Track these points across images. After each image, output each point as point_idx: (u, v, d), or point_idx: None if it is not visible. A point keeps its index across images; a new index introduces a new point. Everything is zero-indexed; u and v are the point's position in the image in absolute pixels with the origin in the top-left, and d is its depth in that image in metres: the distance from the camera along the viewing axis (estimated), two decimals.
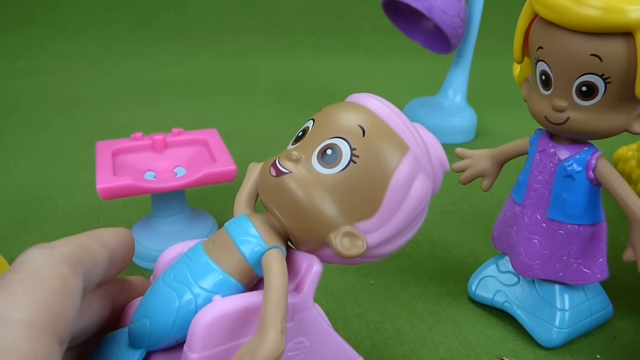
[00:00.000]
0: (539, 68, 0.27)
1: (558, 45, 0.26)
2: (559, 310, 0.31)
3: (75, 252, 0.19)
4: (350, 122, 0.22)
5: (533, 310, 0.32)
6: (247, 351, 0.18)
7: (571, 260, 0.30)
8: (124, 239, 0.22)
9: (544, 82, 0.27)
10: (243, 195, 0.24)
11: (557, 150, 0.29)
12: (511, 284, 0.33)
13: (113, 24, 0.88)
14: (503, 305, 0.34)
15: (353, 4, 0.95)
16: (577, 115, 0.27)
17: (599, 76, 0.25)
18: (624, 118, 0.27)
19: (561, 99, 0.27)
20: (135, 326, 0.21)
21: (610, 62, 0.25)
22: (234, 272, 0.21)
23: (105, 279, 0.22)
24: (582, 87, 0.26)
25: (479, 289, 0.35)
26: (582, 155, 0.29)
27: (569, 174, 0.29)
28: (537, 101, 0.28)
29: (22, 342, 0.16)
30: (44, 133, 0.60)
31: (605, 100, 0.26)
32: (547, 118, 0.28)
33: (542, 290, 0.32)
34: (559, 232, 0.30)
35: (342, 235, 0.21)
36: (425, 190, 0.22)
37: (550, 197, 0.29)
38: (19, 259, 0.18)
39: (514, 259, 0.32)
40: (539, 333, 0.32)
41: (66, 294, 0.18)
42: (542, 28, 0.27)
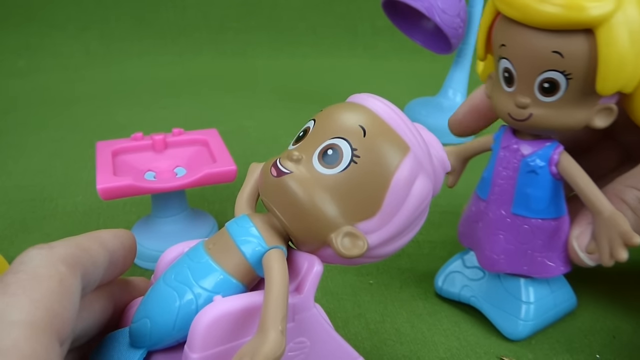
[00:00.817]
0: (501, 65, 0.28)
1: (520, 42, 0.26)
2: (524, 303, 0.32)
3: (74, 252, 0.19)
4: (351, 122, 0.22)
5: (499, 304, 0.33)
6: (248, 351, 0.18)
7: (536, 254, 0.31)
8: (124, 240, 0.22)
9: (507, 79, 0.27)
10: (244, 196, 0.24)
11: (521, 146, 0.29)
12: (477, 278, 0.34)
13: (113, 23, 0.88)
14: (470, 300, 0.34)
15: (353, 4, 0.95)
16: (540, 112, 0.27)
17: (560, 72, 0.25)
18: (586, 113, 0.27)
19: (524, 95, 0.27)
20: (136, 326, 0.21)
21: (571, 59, 0.25)
22: (234, 272, 0.21)
23: (106, 280, 0.22)
24: (544, 84, 0.26)
25: (445, 285, 0.35)
26: (545, 151, 0.29)
27: (532, 169, 0.29)
28: (501, 98, 0.28)
29: (23, 342, 0.16)
30: (44, 133, 0.60)
31: (567, 96, 0.26)
32: (511, 115, 0.28)
33: (508, 284, 0.32)
34: (523, 226, 0.30)
35: (342, 236, 0.21)
36: (426, 190, 0.22)
37: (514, 193, 0.30)
38: (17, 260, 0.18)
39: (479, 254, 0.33)
40: (505, 326, 0.32)
41: (65, 293, 0.18)
42: (505, 26, 0.27)
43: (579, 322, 0.34)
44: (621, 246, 0.26)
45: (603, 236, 0.27)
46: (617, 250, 0.26)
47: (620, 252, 0.26)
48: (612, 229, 0.27)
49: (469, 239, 0.33)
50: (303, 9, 0.94)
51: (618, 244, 0.26)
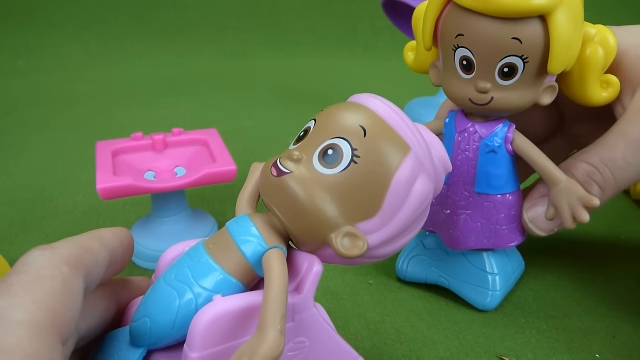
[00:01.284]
0: (458, 54, 0.28)
1: (481, 31, 0.27)
2: (491, 274, 0.34)
3: (77, 252, 0.19)
4: (351, 122, 0.22)
5: (467, 280, 0.34)
6: (247, 351, 0.18)
7: (499, 227, 0.32)
8: (123, 238, 0.23)
9: (466, 67, 0.29)
10: (245, 195, 0.24)
11: (478, 129, 0.31)
12: (441, 259, 0.35)
13: (113, 23, 0.88)
14: (438, 281, 0.36)
15: (353, 4, 0.95)
16: (500, 95, 0.29)
17: (519, 57, 0.27)
18: (535, 92, 0.29)
19: (485, 81, 0.28)
20: (136, 325, 0.21)
21: (529, 44, 0.27)
22: (234, 272, 0.21)
23: (106, 279, 0.22)
24: (504, 69, 0.28)
25: (410, 269, 0.36)
26: (501, 130, 0.31)
27: (492, 149, 0.31)
28: (458, 85, 0.29)
29: (25, 342, 0.16)
30: (44, 133, 0.60)
31: (523, 78, 0.28)
32: (472, 100, 0.29)
33: (472, 259, 0.34)
34: (486, 204, 0.32)
35: (342, 236, 0.21)
36: (427, 190, 0.22)
37: (476, 173, 0.31)
38: (20, 261, 0.19)
39: (444, 236, 0.34)
40: (477, 299, 0.34)
41: (68, 294, 0.18)
42: (460, 16, 0.28)
43: (579, 322, 0.34)
44: (582, 209, 0.29)
45: (563, 203, 0.29)
46: (580, 213, 0.29)
47: (584, 213, 0.29)
48: (571, 195, 0.29)
49: (429, 222, 0.34)
50: (303, 9, 0.94)
51: (579, 207, 0.29)
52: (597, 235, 0.43)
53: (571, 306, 0.35)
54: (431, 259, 0.36)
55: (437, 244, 0.36)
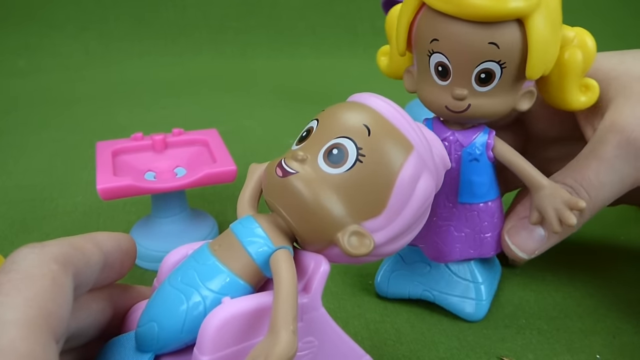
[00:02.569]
0: (433, 60, 0.27)
1: (456, 36, 0.26)
2: (477, 284, 0.33)
3: (66, 251, 0.19)
4: (355, 121, 0.22)
5: (452, 291, 0.33)
6: (260, 352, 0.18)
7: (483, 235, 0.32)
8: (122, 243, 0.22)
9: (441, 72, 0.28)
10: (246, 196, 0.24)
11: (459, 137, 0.30)
12: (424, 272, 0.34)
13: (113, 23, 0.88)
14: (422, 295, 0.34)
15: (353, 4, 0.95)
16: (477, 102, 0.28)
17: (496, 62, 0.26)
18: (513, 98, 0.28)
19: (461, 87, 0.27)
20: (143, 330, 0.21)
21: (505, 48, 0.26)
22: (242, 273, 0.21)
23: (103, 282, 0.22)
24: (481, 75, 0.27)
25: (391, 287, 0.35)
26: (481, 137, 0.30)
27: (475, 157, 0.30)
28: (434, 92, 0.28)
29: (19, 342, 0.16)
30: (44, 133, 0.60)
31: (500, 84, 0.27)
32: (448, 107, 0.28)
33: (456, 270, 0.33)
34: (471, 213, 0.31)
35: (349, 235, 0.21)
36: (430, 188, 0.22)
37: (459, 183, 0.30)
38: (9, 259, 0.18)
39: (428, 249, 0.33)
40: (464, 310, 0.33)
41: (58, 291, 0.18)
42: (435, 20, 0.26)
43: (579, 323, 0.34)
44: (568, 211, 0.28)
45: (548, 207, 0.29)
46: (566, 216, 0.28)
47: (570, 216, 0.28)
48: (556, 198, 0.28)
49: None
50: (303, 9, 0.94)
51: (565, 210, 0.28)
52: (597, 236, 0.43)
53: (571, 306, 0.35)
54: (413, 273, 0.34)
55: (418, 258, 0.34)
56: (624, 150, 0.29)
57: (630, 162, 0.29)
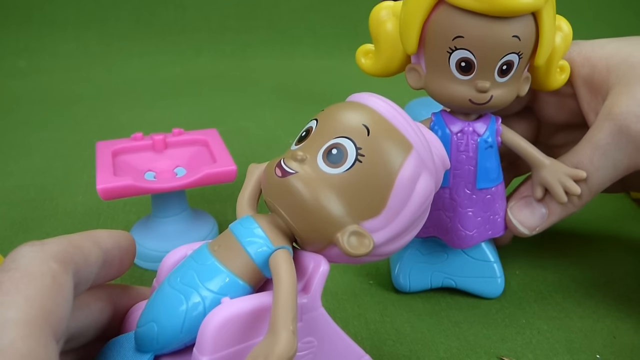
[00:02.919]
0: (456, 56, 0.28)
1: (483, 32, 0.27)
2: (493, 263, 0.35)
3: (65, 249, 0.19)
4: (354, 121, 0.22)
5: (473, 274, 0.35)
6: (260, 352, 0.18)
7: (495, 216, 0.34)
8: (121, 241, 0.22)
9: (464, 68, 0.29)
10: (245, 197, 0.24)
11: (474, 127, 0.31)
12: (442, 260, 0.35)
13: (113, 23, 0.88)
14: (444, 282, 0.36)
15: (353, 4, 0.95)
16: (498, 92, 0.29)
17: (516, 53, 0.28)
18: (519, 85, 0.31)
19: (484, 80, 0.29)
20: (142, 330, 0.21)
21: (525, 40, 0.28)
22: (241, 274, 0.21)
23: (102, 280, 0.22)
24: (503, 67, 0.28)
25: (412, 281, 0.36)
26: (492, 125, 0.32)
27: (490, 145, 0.32)
28: (455, 87, 0.29)
29: (19, 341, 0.16)
30: (44, 133, 0.60)
31: (515, 73, 0.29)
32: (472, 100, 0.29)
33: (472, 253, 0.35)
34: (487, 197, 0.33)
35: (349, 235, 0.21)
36: (430, 188, 0.22)
37: (476, 170, 0.32)
38: (9, 258, 0.18)
39: (450, 238, 0.34)
40: (487, 289, 0.35)
41: (58, 290, 0.18)
42: (457, 17, 0.27)
43: (579, 323, 0.34)
44: (572, 182, 0.31)
45: (553, 180, 0.32)
46: (571, 186, 0.31)
47: (574, 185, 0.31)
48: (559, 172, 0.31)
49: (430, 228, 0.34)
50: (303, 10, 0.94)
51: (568, 181, 0.31)
52: (597, 236, 0.43)
53: (572, 307, 0.35)
54: (432, 263, 0.35)
55: (432, 248, 0.35)
56: (617, 138, 0.30)
57: (622, 149, 0.30)
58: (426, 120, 0.33)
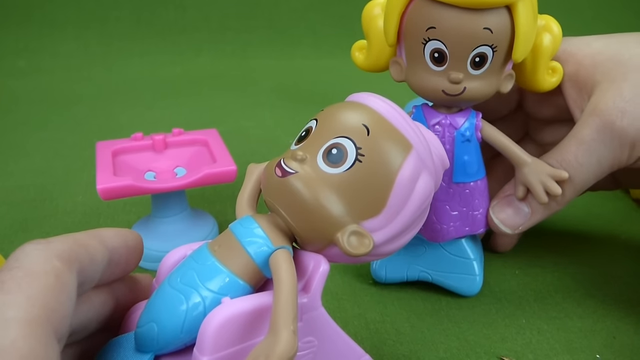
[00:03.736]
0: (429, 47, 0.29)
1: (454, 23, 0.28)
2: (471, 260, 0.35)
3: (70, 247, 0.19)
4: (354, 121, 0.22)
5: (449, 269, 0.35)
6: (261, 352, 0.18)
7: (474, 212, 0.33)
8: (128, 239, 0.22)
9: (437, 58, 0.29)
10: (244, 197, 0.24)
11: (451, 120, 0.32)
12: (419, 254, 0.35)
13: (113, 23, 0.88)
14: (420, 276, 0.36)
15: (353, 4, 0.94)
16: (471, 85, 0.29)
17: (489, 46, 0.28)
18: (499, 81, 0.30)
19: (457, 71, 0.29)
20: (142, 330, 0.21)
21: (498, 33, 0.28)
22: (241, 274, 0.21)
23: (108, 279, 0.22)
24: (475, 59, 0.29)
25: (388, 272, 0.36)
26: (471, 120, 0.32)
27: (467, 139, 0.32)
28: (429, 78, 0.30)
29: (21, 341, 0.16)
30: (44, 133, 0.60)
31: (491, 67, 0.29)
32: (445, 91, 0.30)
33: (450, 248, 0.35)
34: (464, 192, 0.33)
35: (349, 234, 0.21)
36: (429, 187, 0.23)
37: (453, 164, 0.32)
38: (12, 256, 0.18)
39: (425, 231, 0.34)
40: (463, 286, 0.35)
41: (61, 289, 0.18)
42: (430, 9, 0.28)
43: (579, 323, 0.34)
44: (553, 182, 0.31)
45: (534, 180, 0.31)
46: (552, 186, 0.31)
47: (555, 186, 0.31)
48: (540, 172, 0.31)
49: None
50: (303, 10, 0.94)
51: (550, 181, 0.31)
52: (597, 236, 0.43)
53: (571, 307, 0.35)
54: (409, 255, 0.36)
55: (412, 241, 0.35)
56: (602, 134, 0.30)
57: (607, 145, 0.30)
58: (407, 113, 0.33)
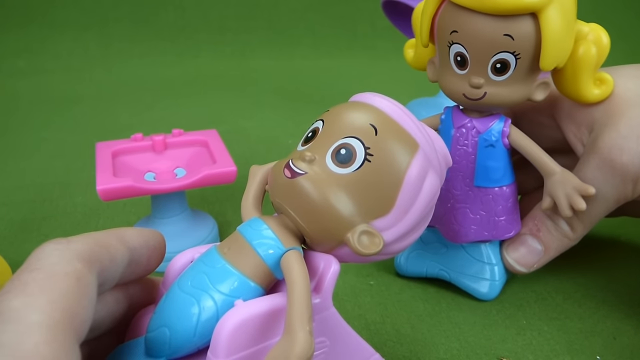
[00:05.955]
0: (453, 50, 0.29)
1: (474, 28, 0.28)
2: (491, 265, 0.35)
3: (91, 248, 0.19)
4: (361, 121, 0.22)
5: (467, 271, 0.35)
6: (279, 354, 0.18)
7: (497, 218, 0.33)
8: (149, 239, 0.22)
9: (460, 62, 0.30)
10: (249, 199, 0.24)
11: (476, 124, 0.32)
12: (441, 253, 0.36)
13: (113, 23, 0.88)
14: (438, 274, 0.36)
15: (353, 4, 0.95)
16: (493, 90, 0.29)
17: (511, 53, 0.28)
18: (528, 88, 0.30)
19: (478, 76, 0.29)
20: (153, 335, 0.21)
21: (520, 40, 0.28)
22: (253, 275, 0.21)
23: (129, 279, 0.22)
24: (496, 64, 0.29)
25: (409, 265, 0.37)
26: (497, 125, 0.32)
27: (491, 144, 0.32)
28: (453, 80, 0.30)
29: (43, 346, 0.16)
30: (44, 133, 0.60)
31: (515, 74, 0.29)
32: (466, 95, 0.30)
33: (471, 251, 0.35)
34: (486, 196, 0.33)
35: (359, 234, 0.21)
36: (436, 186, 0.23)
37: (475, 167, 0.32)
38: (33, 256, 0.18)
39: (445, 230, 0.34)
40: (478, 289, 0.35)
41: (82, 292, 0.17)
42: (455, 13, 0.29)
43: (579, 324, 0.34)
44: (578, 197, 0.30)
45: (560, 192, 0.31)
46: (577, 200, 0.30)
47: (580, 201, 0.30)
48: (567, 184, 0.30)
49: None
50: (303, 10, 0.94)
51: (575, 195, 0.30)
52: (597, 236, 0.43)
53: (572, 307, 0.35)
54: (431, 253, 0.36)
55: (435, 239, 0.36)
56: (602, 171, 0.30)
57: (608, 182, 0.30)
58: (437, 115, 0.34)
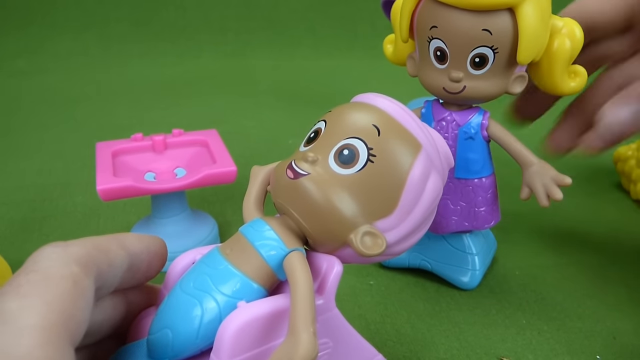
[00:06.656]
0: (433, 45, 0.30)
1: (453, 23, 0.29)
2: (472, 255, 0.36)
3: (89, 251, 0.19)
4: (364, 122, 0.22)
5: (449, 261, 0.36)
6: (282, 355, 0.18)
7: (477, 209, 0.34)
8: (150, 245, 0.22)
9: (439, 57, 0.30)
10: (251, 199, 0.24)
11: (455, 117, 0.32)
12: (422, 243, 0.36)
13: (113, 24, 0.88)
14: (420, 264, 0.37)
15: (353, 4, 0.95)
16: (472, 84, 0.30)
17: (489, 47, 0.29)
18: (506, 82, 0.31)
19: (457, 70, 0.30)
20: (156, 337, 0.21)
21: (498, 35, 0.28)
22: (255, 277, 0.21)
23: (128, 284, 0.21)
24: (475, 59, 0.29)
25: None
26: (477, 118, 0.32)
27: (470, 136, 0.32)
28: (432, 75, 0.31)
29: (37, 349, 0.15)
30: (44, 133, 0.60)
31: (493, 68, 0.30)
32: (446, 89, 0.31)
33: (452, 241, 0.36)
34: (466, 188, 0.33)
35: (362, 235, 0.21)
36: (439, 186, 0.23)
37: (455, 159, 0.32)
38: (31, 259, 0.18)
39: None
40: (459, 278, 0.36)
41: (78, 295, 0.17)
42: (434, 9, 0.29)
43: (579, 323, 0.34)
44: (556, 187, 0.31)
45: (537, 183, 0.31)
46: (554, 191, 0.31)
47: (557, 191, 0.31)
48: (544, 175, 0.31)
49: None
50: (303, 10, 0.94)
51: (552, 186, 0.31)
52: (597, 236, 0.43)
53: (572, 307, 0.35)
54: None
55: None
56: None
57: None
58: (418, 109, 0.34)
